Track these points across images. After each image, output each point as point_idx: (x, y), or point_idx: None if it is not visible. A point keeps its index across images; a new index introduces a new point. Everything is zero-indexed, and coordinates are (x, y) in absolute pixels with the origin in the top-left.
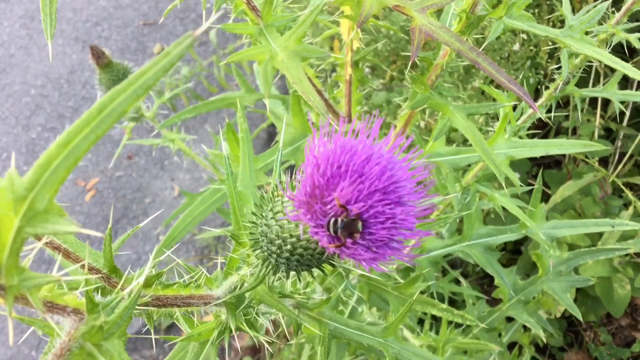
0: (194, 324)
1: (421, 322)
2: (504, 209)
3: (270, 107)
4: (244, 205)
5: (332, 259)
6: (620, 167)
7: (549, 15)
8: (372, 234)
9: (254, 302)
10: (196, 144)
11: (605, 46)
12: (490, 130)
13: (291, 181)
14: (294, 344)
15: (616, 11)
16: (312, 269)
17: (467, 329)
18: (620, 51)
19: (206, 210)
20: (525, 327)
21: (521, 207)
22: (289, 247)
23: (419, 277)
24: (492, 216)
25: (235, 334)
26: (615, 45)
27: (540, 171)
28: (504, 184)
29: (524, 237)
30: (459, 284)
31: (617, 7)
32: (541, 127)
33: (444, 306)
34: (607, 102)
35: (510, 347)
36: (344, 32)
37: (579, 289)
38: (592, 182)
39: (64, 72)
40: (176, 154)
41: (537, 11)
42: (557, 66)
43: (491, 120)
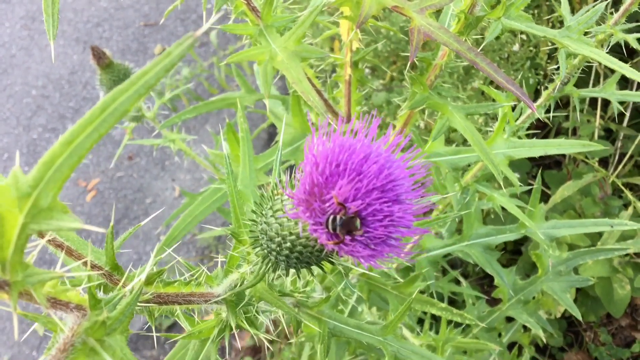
0: (194, 322)
1: (421, 322)
2: (503, 209)
3: (270, 107)
4: (244, 203)
5: (330, 257)
6: (620, 167)
7: (548, 15)
8: (370, 231)
9: (254, 299)
10: (197, 145)
11: (603, 47)
12: (489, 130)
13: (291, 180)
14: (294, 344)
15: (615, 12)
16: (311, 267)
17: (466, 329)
18: (620, 52)
19: (207, 209)
20: (525, 327)
21: (520, 207)
22: (288, 244)
23: (418, 277)
24: (492, 216)
25: (236, 334)
26: (615, 46)
27: (539, 171)
28: (502, 183)
29: (524, 238)
30: (459, 284)
31: (616, 7)
32: (541, 128)
33: (444, 305)
34: (607, 103)
35: (510, 347)
36: (343, 32)
37: (579, 289)
38: (592, 182)
39: (65, 72)
40: (177, 155)
41: (536, 12)
42: (556, 67)
43: (491, 120)
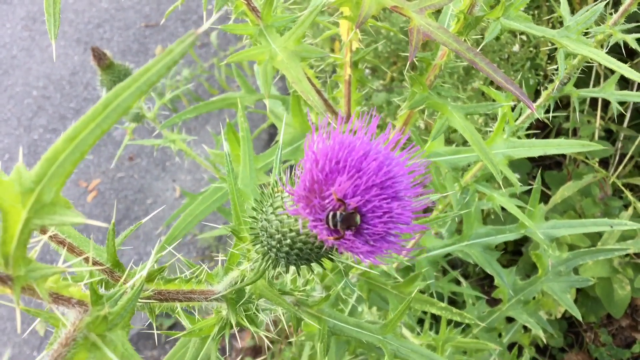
0: (195, 320)
1: (421, 322)
2: (503, 209)
3: (270, 107)
4: (245, 202)
5: (330, 254)
6: (620, 168)
7: (548, 16)
8: (370, 227)
9: (254, 296)
10: (197, 145)
11: (602, 47)
12: (489, 130)
13: (291, 177)
14: (294, 343)
15: (615, 12)
16: (311, 264)
17: (467, 329)
18: (620, 53)
19: (207, 209)
20: (525, 328)
21: (520, 207)
22: (288, 241)
23: (418, 276)
24: (492, 217)
25: (237, 334)
26: (615, 46)
27: (540, 172)
28: (501, 183)
29: (524, 238)
30: (460, 284)
31: (616, 8)
32: (541, 129)
33: (443, 305)
34: (607, 104)
35: (510, 347)
36: (343, 33)
37: (579, 289)
38: (592, 183)
39: (65, 73)
40: (177, 155)
41: (536, 12)
42: (556, 67)
43: (490, 120)
